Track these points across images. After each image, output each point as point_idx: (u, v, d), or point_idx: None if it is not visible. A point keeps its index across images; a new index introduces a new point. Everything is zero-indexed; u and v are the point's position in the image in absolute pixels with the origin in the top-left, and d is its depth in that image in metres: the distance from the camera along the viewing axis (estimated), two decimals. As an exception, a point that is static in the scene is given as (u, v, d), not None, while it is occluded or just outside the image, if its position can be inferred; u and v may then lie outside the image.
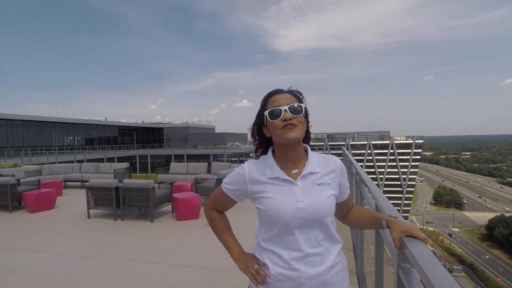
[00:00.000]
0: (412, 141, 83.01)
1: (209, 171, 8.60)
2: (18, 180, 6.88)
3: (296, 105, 1.06)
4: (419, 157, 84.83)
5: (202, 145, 53.40)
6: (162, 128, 61.38)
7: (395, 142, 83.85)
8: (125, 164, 9.45)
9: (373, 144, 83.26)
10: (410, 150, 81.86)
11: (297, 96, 1.12)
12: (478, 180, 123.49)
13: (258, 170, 1.12)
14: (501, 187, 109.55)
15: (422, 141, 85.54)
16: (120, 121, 55.55)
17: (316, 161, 1.11)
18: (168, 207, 5.99)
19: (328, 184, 1.08)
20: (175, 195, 5.64)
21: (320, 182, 1.08)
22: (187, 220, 5.34)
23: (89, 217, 5.74)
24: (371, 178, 2.50)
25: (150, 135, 59.95)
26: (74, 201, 7.43)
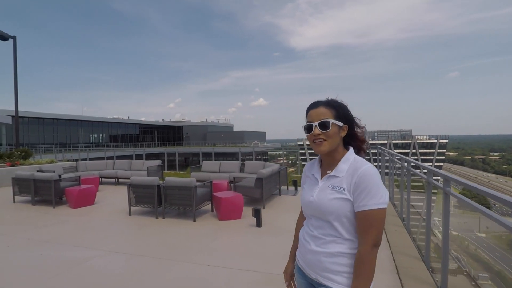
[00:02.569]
0: (435, 141, 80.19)
1: (242, 169, 8.49)
2: (60, 176, 7.01)
3: (324, 121, 1.19)
4: (443, 157, 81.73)
5: (221, 143, 53.67)
6: (182, 126, 62.20)
7: (418, 141, 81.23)
8: (157, 162, 9.50)
9: (394, 144, 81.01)
10: (433, 150, 79.12)
11: (333, 106, 1.23)
12: (506, 182, 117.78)
13: (311, 166, 1.35)
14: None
15: (447, 140, 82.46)
16: (141, 120, 56.66)
17: (346, 167, 1.20)
18: (207, 206, 5.91)
19: (341, 189, 1.17)
20: (216, 194, 5.55)
21: (336, 185, 1.19)
22: (230, 220, 5.23)
23: (130, 214, 5.75)
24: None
25: (170, 133, 60.88)
26: (111, 197, 7.51)
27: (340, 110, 1.24)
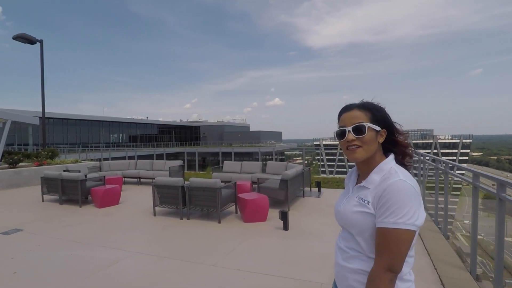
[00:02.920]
0: (458, 141, 77.40)
1: (263, 170, 8.38)
2: (85, 176, 7.12)
3: (359, 125, 1.08)
4: (466, 158, 78.75)
5: (237, 143, 53.80)
6: (199, 126, 62.82)
7: (439, 141, 78.66)
8: (179, 162, 9.53)
9: (414, 144, 78.73)
10: (456, 150, 76.36)
11: (369, 109, 1.12)
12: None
13: (350, 175, 1.25)
14: None
15: (471, 140, 79.39)
16: (160, 120, 57.62)
17: (377, 178, 1.08)
18: (231, 207, 5.83)
19: (366, 201, 1.07)
20: (241, 195, 5.46)
21: (363, 197, 1.09)
22: (255, 222, 5.13)
23: (154, 214, 5.75)
24: None
25: (188, 133, 61.59)
26: (135, 197, 7.57)
27: (377, 113, 1.12)
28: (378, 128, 1.10)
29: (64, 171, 8.22)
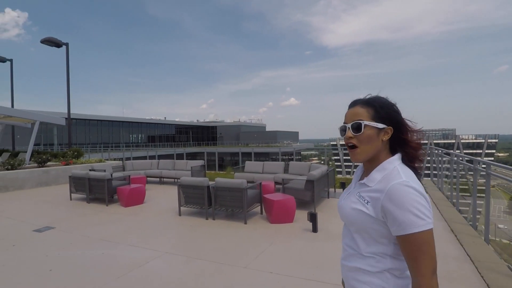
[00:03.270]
0: (483, 141, 74.35)
1: (286, 170, 8.27)
2: (111, 175, 7.24)
3: (357, 122, 1.04)
4: (491, 158, 75.43)
5: (254, 143, 53.80)
6: (216, 126, 63.30)
7: (462, 141, 75.76)
8: (200, 162, 9.57)
9: (435, 144, 76.17)
10: (480, 151, 73.38)
11: (373, 105, 1.06)
12: None
13: (357, 170, 1.22)
14: None
15: (496, 140, 76.12)
16: (177, 120, 58.46)
17: (379, 177, 1.03)
18: (256, 208, 5.76)
19: (365, 200, 1.03)
20: (267, 196, 5.38)
21: (363, 195, 1.05)
22: (282, 223, 5.03)
23: (180, 214, 5.76)
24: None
25: (205, 133, 62.18)
26: (158, 196, 7.63)
27: (381, 110, 1.05)
28: (380, 126, 1.04)
29: (90, 170, 8.40)
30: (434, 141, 76.84)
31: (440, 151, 7.87)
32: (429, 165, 9.87)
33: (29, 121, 12.68)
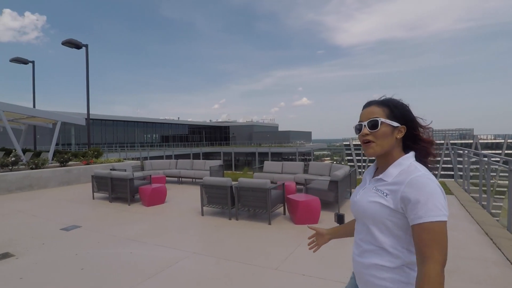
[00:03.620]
0: (502, 141, 71.94)
1: (305, 170, 8.17)
2: (133, 174, 7.31)
3: (373, 120, 1.10)
4: (512, 159, 72.97)
5: (267, 143, 53.71)
6: (228, 126, 63.54)
7: (480, 141, 73.36)
8: (218, 162, 9.57)
9: (452, 144, 74.01)
10: (500, 151, 71.06)
11: (387, 105, 1.13)
12: None
13: (368, 170, 1.25)
14: None
15: (517, 140, 73.56)
16: (191, 120, 58.96)
17: (396, 172, 1.08)
18: (279, 209, 5.69)
19: (383, 193, 1.07)
20: (291, 196, 5.31)
21: (380, 189, 1.09)
22: (307, 224, 4.94)
23: (202, 214, 5.75)
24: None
25: (217, 133, 62.51)
26: (178, 196, 7.66)
27: (395, 110, 1.12)
28: (395, 124, 1.10)
29: (111, 169, 8.52)
30: (451, 141, 74.75)
31: (467, 151, 7.61)
32: (451, 165, 9.59)
33: (51, 121, 12.99)
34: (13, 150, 15.09)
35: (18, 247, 4.19)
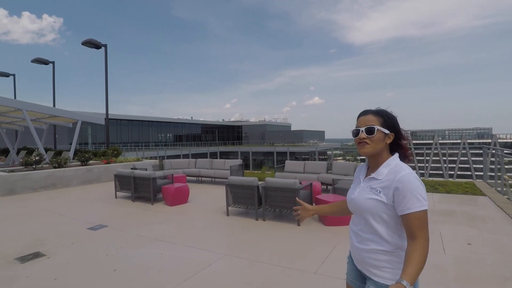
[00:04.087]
0: (523, 140, 69.44)
1: (329, 170, 7.96)
2: (155, 173, 7.27)
3: (370, 127, 1.32)
4: (534, 159, 70.19)
5: (279, 142, 53.43)
6: (241, 126, 63.55)
7: (499, 141, 71.12)
8: (238, 161, 9.46)
9: (469, 143, 71.83)
10: (521, 151, 68.45)
11: (382, 115, 1.35)
12: None
13: (360, 169, 1.47)
14: None
15: (539, 139, 70.82)
16: (203, 120, 59.25)
17: (386, 171, 1.30)
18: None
19: (377, 190, 1.29)
20: (319, 197, 5.15)
21: (374, 187, 1.30)
22: (337, 226, 4.76)
23: (228, 214, 5.64)
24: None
25: (230, 132, 62.62)
26: (200, 196, 7.58)
27: (388, 120, 1.35)
28: (387, 131, 1.33)
29: (132, 169, 8.52)
30: (468, 141, 72.51)
31: (500, 151, 7.25)
32: (467, 165, 9.19)
33: (71, 120, 13.18)
34: (35, 149, 15.42)
35: (48, 247, 4.17)
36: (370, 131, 1.32)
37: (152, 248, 4.10)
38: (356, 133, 1.36)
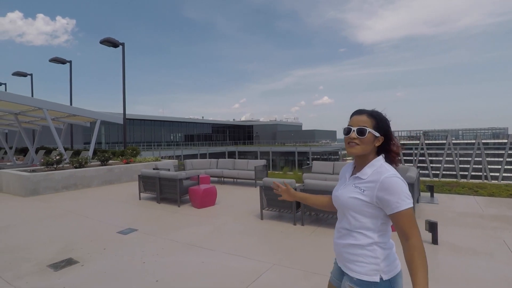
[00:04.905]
0: (541, 140, 67.24)
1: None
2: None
3: (362, 128, 1.32)
4: (553, 159, 67.79)
5: (291, 142, 52.97)
6: (252, 125, 63.29)
7: (516, 141, 68.90)
8: (262, 162, 9.13)
9: (484, 143, 69.82)
10: (540, 151, 66.31)
11: (375, 117, 1.35)
12: None
13: (347, 168, 1.50)
14: None
15: (558, 139, 68.43)
16: (214, 119, 59.20)
17: (370, 171, 1.32)
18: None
19: (361, 190, 1.31)
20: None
21: (358, 186, 1.33)
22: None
23: (262, 218, 5.31)
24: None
25: (241, 132, 62.43)
26: (227, 197, 7.27)
27: (380, 123, 1.35)
28: (377, 134, 1.34)
29: (153, 169, 8.29)
30: (483, 141, 70.33)
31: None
32: (480, 166, 8.64)
33: (89, 119, 13.08)
34: (53, 149, 15.41)
35: (80, 252, 3.92)
36: (361, 132, 1.32)
37: (190, 255, 3.81)
38: (347, 131, 1.36)
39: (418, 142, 73.30)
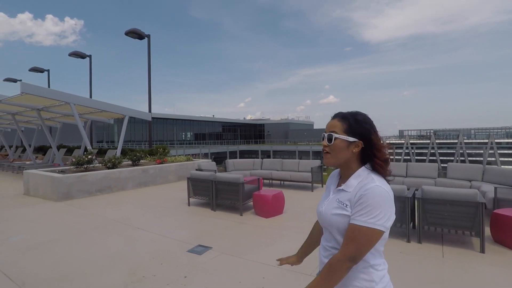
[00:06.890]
0: (558, 139, 65.15)
1: (407, 172, 6.54)
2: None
3: (329, 133, 1.15)
4: None
5: (303, 141, 51.89)
6: (263, 124, 62.31)
7: (530, 140, 66.84)
8: (317, 162, 8.13)
9: (497, 143, 67.76)
10: (557, 151, 64.30)
11: (348, 120, 1.15)
12: None
13: (332, 177, 1.30)
14: None
15: None
16: (225, 118, 58.34)
17: (355, 183, 1.12)
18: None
19: (344, 204, 1.12)
20: (501, 211, 3.76)
21: (341, 200, 1.13)
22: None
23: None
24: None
25: (252, 131, 61.48)
26: (288, 204, 6.27)
27: (354, 125, 1.15)
28: (351, 139, 1.13)
29: (196, 170, 7.38)
30: (496, 140, 68.26)
31: None
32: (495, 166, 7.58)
33: (116, 116, 12.24)
34: (75, 147, 14.60)
35: (155, 283, 2.98)
36: (329, 138, 1.16)
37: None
38: (322, 138, 1.20)
39: (428, 141, 71.66)
